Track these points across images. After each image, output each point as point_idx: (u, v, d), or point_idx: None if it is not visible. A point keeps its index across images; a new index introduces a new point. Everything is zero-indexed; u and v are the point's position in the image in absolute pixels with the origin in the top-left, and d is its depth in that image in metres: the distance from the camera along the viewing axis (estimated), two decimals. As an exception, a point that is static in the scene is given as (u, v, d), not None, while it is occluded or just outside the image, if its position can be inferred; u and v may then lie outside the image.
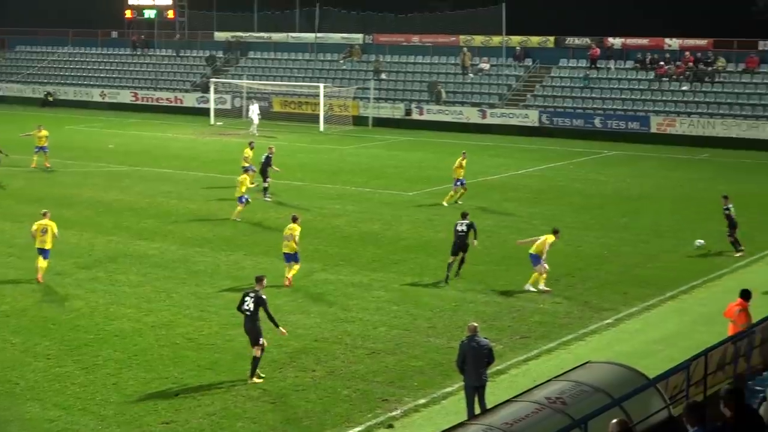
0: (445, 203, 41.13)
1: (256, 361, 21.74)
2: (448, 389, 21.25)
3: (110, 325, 25.39)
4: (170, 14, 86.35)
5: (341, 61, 77.64)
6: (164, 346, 23.91)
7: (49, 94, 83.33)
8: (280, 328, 22.38)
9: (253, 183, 39.49)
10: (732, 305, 21.40)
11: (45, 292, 28.26)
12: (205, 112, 72.91)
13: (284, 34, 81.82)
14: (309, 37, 79.50)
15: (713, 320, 24.74)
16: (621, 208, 40.53)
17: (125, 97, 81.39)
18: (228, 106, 75.09)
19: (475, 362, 18.96)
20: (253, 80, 76.57)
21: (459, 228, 30.33)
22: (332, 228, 36.52)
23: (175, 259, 32.22)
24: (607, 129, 63.11)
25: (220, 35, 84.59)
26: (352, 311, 26.67)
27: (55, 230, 29.84)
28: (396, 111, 70.30)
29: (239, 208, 38.11)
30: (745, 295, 21.33)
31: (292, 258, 29.23)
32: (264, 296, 21.93)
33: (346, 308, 26.95)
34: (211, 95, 73.02)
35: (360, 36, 78.51)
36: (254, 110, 65.70)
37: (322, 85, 69.35)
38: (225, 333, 24.85)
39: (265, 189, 42.13)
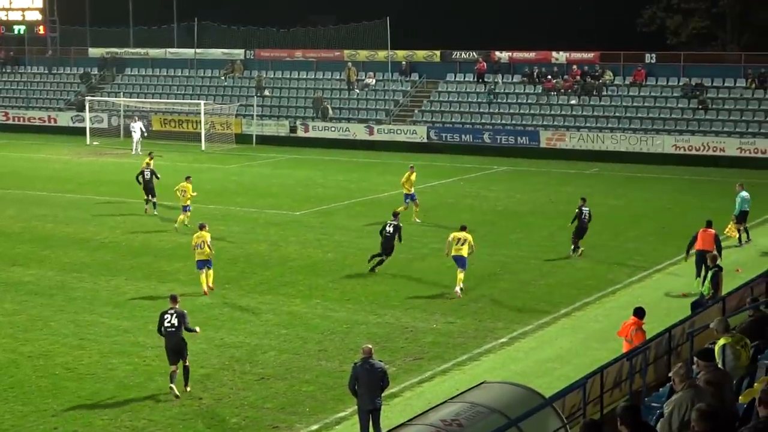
0: (417, 220, 41.48)
1: (187, 370, 22.69)
2: (341, 414, 21.25)
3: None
4: (41, 30, 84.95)
5: (222, 78, 77.32)
6: (42, 377, 23.45)
7: None
8: (196, 328, 23.68)
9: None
10: (626, 324, 21.69)
11: None
12: (80, 132, 71.84)
13: (162, 50, 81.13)
14: (188, 52, 78.96)
15: (607, 337, 25.21)
16: (512, 223, 41.10)
17: (-5, 117, 79.88)
18: (105, 125, 74.14)
19: (369, 386, 19.00)
20: (131, 98, 75.77)
21: (387, 229, 32.51)
22: (217, 250, 35.97)
23: (52, 285, 31.66)
24: (496, 144, 63.93)
25: (94, 51, 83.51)
26: (240, 336, 26.52)
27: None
28: (281, 128, 70.22)
29: (182, 217, 39.81)
30: (639, 313, 21.60)
31: (205, 264, 30.60)
32: (184, 310, 23.17)
33: (233, 333, 26.78)
34: (87, 114, 72.03)
35: (241, 51, 78.27)
36: (135, 128, 65.01)
37: (202, 102, 68.98)
38: (106, 362, 24.48)
39: (154, 204, 43.45)
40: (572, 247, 35.54)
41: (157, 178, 44.09)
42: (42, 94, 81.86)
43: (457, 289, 30.30)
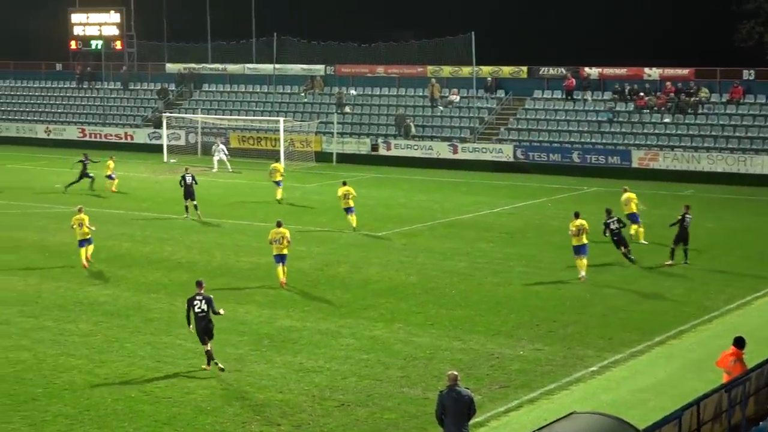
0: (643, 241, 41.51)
1: (210, 353, 25.59)
2: (425, 443, 21.21)
3: (59, 378, 25.17)
4: (118, 45, 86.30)
5: (302, 94, 77.83)
6: (118, 400, 23.71)
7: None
8: (221, 310, 26.30)
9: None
10: (725, 354, 21.24)
11: (-12, 344, 27.99)
12: (157, 149, 72.72)
13: (240, 66, 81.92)
14: (267, 68, 79.64)
15: (704, 367, 24.85)
16: (603, 247, 40.68)
17: (72, 133, 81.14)
18: (182, 142, 74.99)
19: (456, 414, 18.90)
20: (208, 114, 76.57)
21: (612, 227, 37.52)
22: (296, 271, 36.39)
23: (128, 306, 32.05)
24: (586, 164, 63.50)
25: (171, 67, 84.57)
26: (320, 360, 26.58)
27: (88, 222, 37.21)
28: (362, 146, 70.48)
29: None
30: (739, 343, 21.12)
31: (283, 259, 34.21)
32: (210, 296, 26.07)
33: (312, 357, 26.85)
34: (164, 131, 72.90)
35: (322, 67, 78.73)
36: (220, 149, 65.74)
37: (281, 119, 69.45)
38: (183, 385, 24.69)
39: (195, 206, 47.07)
40: (676, 255, 37.57)
41: (196, 183, 48.12)
42: (119, 110, 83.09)
43: (583, 273, 34.72)
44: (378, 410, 23.11)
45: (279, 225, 34.90)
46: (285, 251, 34.52)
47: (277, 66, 78.56)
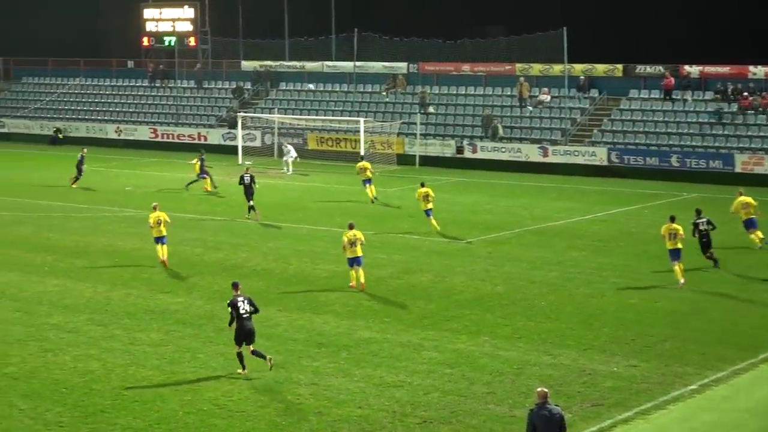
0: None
1: (241, 355, 26.50)
2: (511, 464, 21.11)
3: (129, 389, 25.45)
4: (191, 41, 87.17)
5: (383, 93, 77.97)
6: (189, 413, 23.93)
7: (58, 130, 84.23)
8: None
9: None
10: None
11: (55, 352, 28.38)
12: (232, 150, 73.28)
13: (319, 63, 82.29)
14: (347, 66, 79.90)
15: (813, 386, 24.46)
16: (702, 257, 40.18)
17: (143, 133, 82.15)
18: (257, 143, 75.53)
19: (545, 434, 18.78)
20: (285, 114, 76.99)
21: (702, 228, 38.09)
22: (376, 280, 36.46)
23: (200, 315, 32.33)
24: (685, 168, 62.82)
25: (247, 64, 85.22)
26: (401, 375, 26.57)
27: (168, 218, 39.45)
28: (446, 148, 70.41)
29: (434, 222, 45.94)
30: None
31: (357, 261, 35.15)
32: (248, 295, 27.08)
33: (393, 371, 26.85)
34: (239, 131, 73.43)
35: (404, 65, 78.79)
36: (289, 149, 66.30)
37: (362, 120, 69.63)
38: (257, 398, 24.85)
39: (252, 207, 48.75)
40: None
41: (255, 183, 49.82)
42: (192, 109, 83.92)
43: (681, 280, 34.98)
44: (462, 428, 23.05)
45: (351, 227, 35.77)
46: (359, 254, 35.23)
47: (358, 64, 78.78)
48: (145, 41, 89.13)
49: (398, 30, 79.22)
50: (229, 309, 26.68)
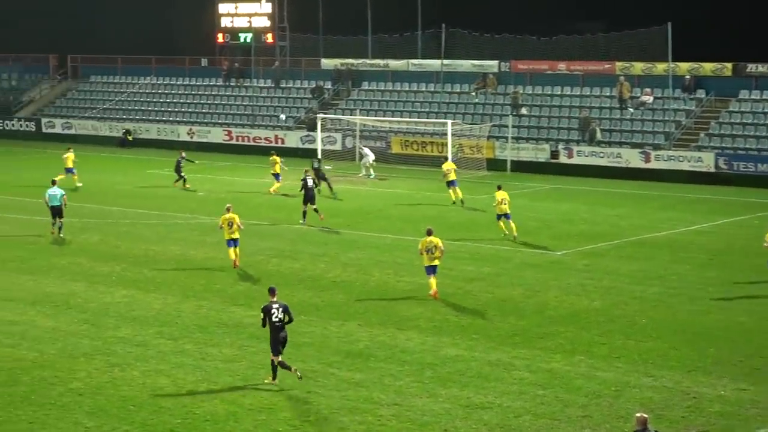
0: None
1: (282, 363, 26.92)
2: (609, 493, 20.98)
3: (200, 408, 25.62)
4: (269, 38, 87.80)
5: (473, 93, 77.93)
6: (264, 434, 24.07)
7: (128, 132, 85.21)
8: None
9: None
10: None
11: (122, 367, 28.68)
12: (311, 154, 73.51)
13: (404, 61, 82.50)
14: (434, 64, 80.00)
15: None
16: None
17: (217, 135, 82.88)
18: (338, 146, 75.83)
19: (644, 461, 18.67)
20: (368, 116, 77.21)
21: None
22: (464, 294, 36.44)
23: (276, 329, 32.46)
24: (800, 175, 62.24)
25: (327, 62, 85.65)
26: (489, 395, 26.50)
27: (239, 221, 40.44)
28: (540, 153, 70.19)
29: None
30: None
31: (434, 270, 35.67)
32: (285, 303, 27.41)
33: (481, 392, 26.78)
34: (318, 134, 73.68)
35: (495, 63, 78.75)
36: (367, 151, 66.58)
37: (449, 122, 69.54)
38: (336, 419, 24.91)
39: (316, 210, 49.54)
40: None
41: (318, 187, 51.78)
42: (269, 110, 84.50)
43: None
44: (555, 454, 22.96)
45: (429, 233, 36.06)
46: (437, 262, 35.71)
47: (446, 62, 78.85)
48: (220, 38, 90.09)
49: (489, 25, 79.10)
50: (261, 314, 27.16)
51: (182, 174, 62.02)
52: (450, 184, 55.45)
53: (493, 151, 71.00)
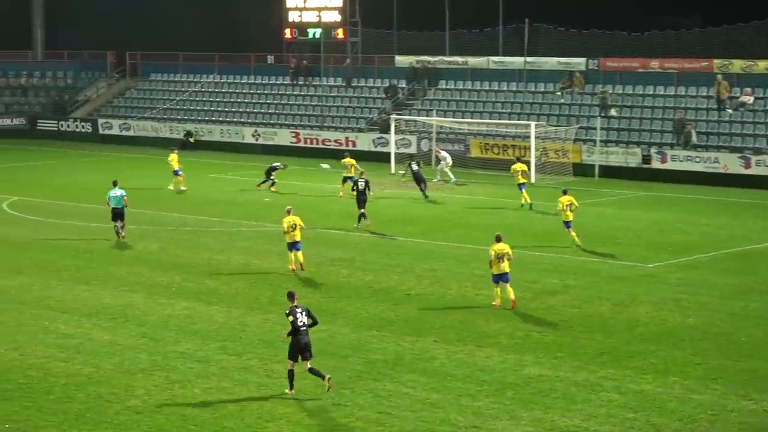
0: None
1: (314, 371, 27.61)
2: None
3: (265, 429, 25.73)
4: (340, 34, 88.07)
5: (558, 93, 77.71)
6: (333, 458, 24.11)
7: (189, 134, 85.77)
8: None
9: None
10: None
11: (183, 384, 28.83)
12: (383, 158, 73.67)
13: (484, 59, 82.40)
14: (516, 61, 79.86)
15: None
16: None
17: (284, 137, 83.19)
18: (413, 149, 75.80)
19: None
20: (445, 117, 77.18)
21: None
22: (547, 309, 36.32)
23: (346, 345, 32.51)
24: None
25: (402, 60, 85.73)
26: (575, 419, 26.39)
27: (302, 223, 41.71)
28: (630, 157, 69.82)
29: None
30: None
31: (503, 278, 36.25)
32: (307, 307, 28.40)
33: (567, 414, 26.67)
34: (392, 136, 73.77)
35: (582, 60, 78.44)
36: (444, 158, 66.61)
37: (533, 124, 69.42)
38: (410, 442, 24.93)
39: (362, 215, 50.63)
40: None
41: (370, 189, 51.76)
42: (339, 111, 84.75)
43: None
44: (646, 482, 22.82)
45: (499, 240, 36.66)
46: (507, 269, 36.29)
47: (529, 59, 78.70)
48: (288, 33, 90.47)
49: (576, 20, 78.91)
50: (290, 318, 27.84)
51: (272, 177, 63.14)
52: (521, 186, 57.02)
53: (580, 156, 70.71)
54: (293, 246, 41.76)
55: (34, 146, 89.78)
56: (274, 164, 63.76)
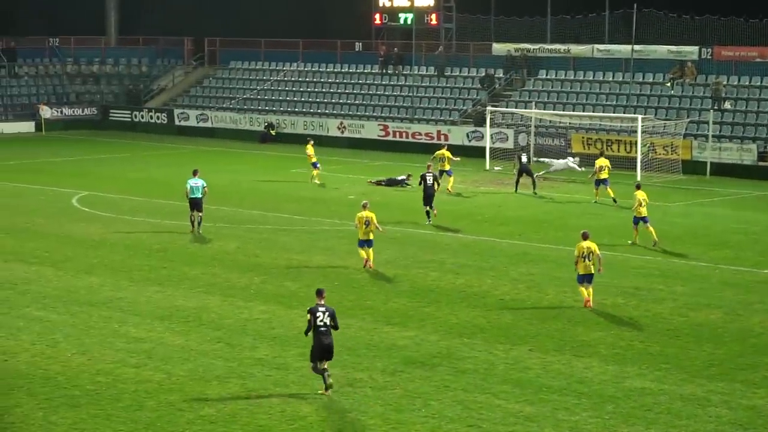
0: None
1: (325, 372, 28.30)
2: None
3: (347, 441, 25.87)
4: (433, 19, 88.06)
5: (668, 84, 77.24)
6: (419, 474, 24.19)
7: (270, 126, 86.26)
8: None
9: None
10: None
11: (260, 392, 28.94)
12: (478, 153, 73.57)
13: (588, 47, 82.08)
14: (623, 50, 79.47)
15: None
16: None
17: (371, 130, 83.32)
18: (509, 144, 75.66)
19: None
20: (545, 109, 76.94)
21: None
22: (653, 317, 36.13)
23: (434, 353, 32.54)
24: None
25: (499, 47, 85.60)
26: (683, 436, 26.31)
27: (376, 221, 42.49)
28: (745, 154, 69.28)
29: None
30: None
31: (588, 279, 37.00)
32: (332, 308, 28.89)
33: (671, 430, 26.54)
34: (487, 129, 73.70)
35: (695, 49, 77.90)
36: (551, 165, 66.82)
37: (639, 117, 68.99)
38: (502, 458, 24.95)
39: (427, 212, 52.13)
40: None
41: (438, 184, 53.19)
42: (431, 102, 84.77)
43: None
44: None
45: (585, 237, 37.15)
46: (593, 270, 36.96)
47: (637, 47, 78.28)
48: (377, 19, 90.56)
49: (688, 5, 78.33)
50: (308, 316, 28.64)
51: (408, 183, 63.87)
52: (601, 182, 57.64)
53: (690, 152, 70.21)
54: (365, 243, 42.94)
55: (106, 138, 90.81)
56: (399, 177, 64.62)
